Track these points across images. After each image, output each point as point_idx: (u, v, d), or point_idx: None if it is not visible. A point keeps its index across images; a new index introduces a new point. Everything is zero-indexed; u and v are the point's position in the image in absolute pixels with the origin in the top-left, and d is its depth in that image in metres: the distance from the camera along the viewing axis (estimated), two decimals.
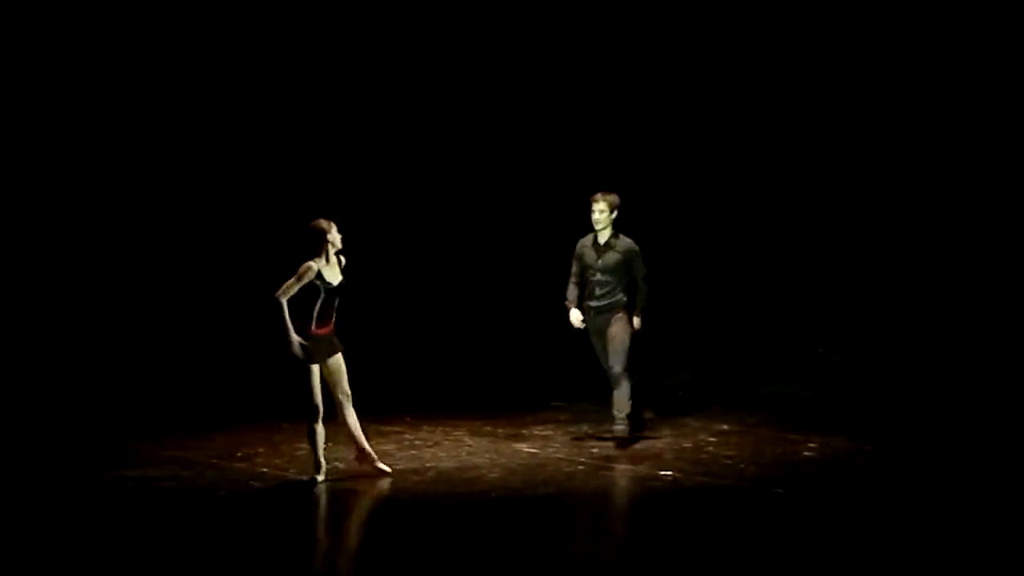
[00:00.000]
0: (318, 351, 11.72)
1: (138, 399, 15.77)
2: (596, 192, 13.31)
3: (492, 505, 10.97)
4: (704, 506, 11.00)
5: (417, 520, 10.69)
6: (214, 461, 12.53)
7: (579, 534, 10.33)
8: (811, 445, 13.13)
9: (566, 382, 15.67)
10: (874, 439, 13.33)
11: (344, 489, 11.44)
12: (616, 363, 13.17)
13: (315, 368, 11.75)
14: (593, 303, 13.31)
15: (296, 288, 11.62)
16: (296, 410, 14.99)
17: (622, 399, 13.18)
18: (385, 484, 11.59)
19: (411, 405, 15.12)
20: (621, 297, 13.29)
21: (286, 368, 11.82)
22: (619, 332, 13.21)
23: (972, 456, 12.67)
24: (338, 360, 11.89)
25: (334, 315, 11.85)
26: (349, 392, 11.94)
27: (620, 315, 13.25)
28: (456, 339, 17.61)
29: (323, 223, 11.89)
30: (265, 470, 12.15)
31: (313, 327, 11.70)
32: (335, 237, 11.88)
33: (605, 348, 13.31)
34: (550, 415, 14.72)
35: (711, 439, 13.48)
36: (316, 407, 11.77)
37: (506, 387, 16.00)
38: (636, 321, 13.26)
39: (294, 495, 11.32)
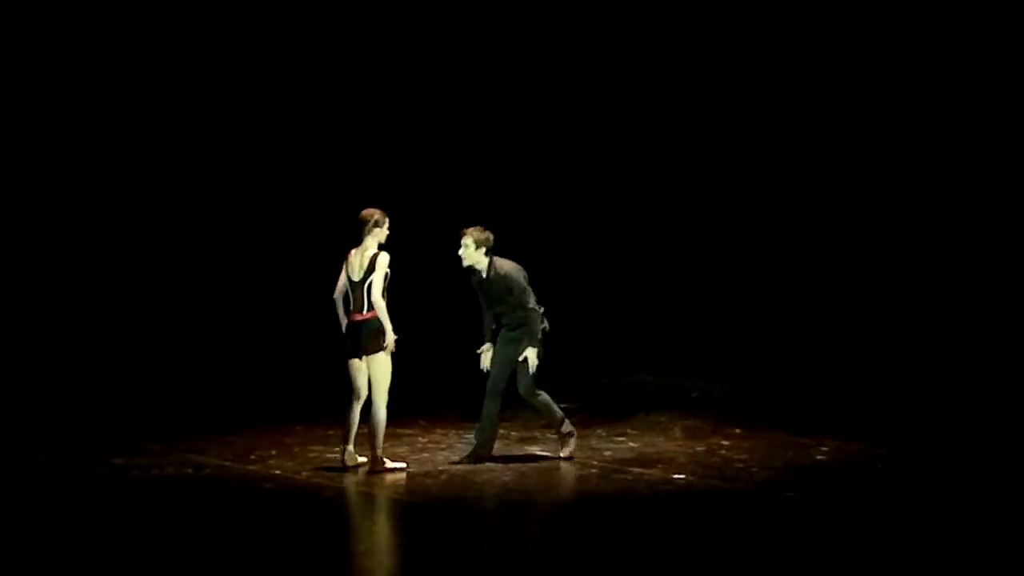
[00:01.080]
0: None
1: (152, 400, 15.81)
2: (464, 228, 12.53)
3: (504, 508, 10.97)
4: (716, 510, 11.00)
5: (430, 522, 10.70)
6: (227, 463, 12.54)
7: (591, 537, 10.33)
8: (824, 448, 13.12)
9: (576, 385, 15.70)
10: (889, 443, 13.31)
11: (357, 491, 11.45)
12: (521, 387, 12.55)
13: None
14: (500, 330, 12.63)
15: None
16: (308, 411, 15.10)
17: (552, 416, 12.69)
18: (398, 486, 11.60)
19: (424, 408, 15.13)
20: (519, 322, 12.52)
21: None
22: (507, 360, 12.54)
23: (983, 459, 12.65)
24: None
25: (355, 304, 12.18)
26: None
27: (517, 343, 12.49)
28: (468, 343, 17.61)
29: (379, 214, 12.16)
30: (278, 472, 12.16)
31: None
32: (384, 233, 12.18)
33: (502, 369, 12.57)
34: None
35: (724, 442, 13.48)
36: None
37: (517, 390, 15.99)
38: (529, 355, 12.40)
39: (306, 497, 11.32)
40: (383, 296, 12.05)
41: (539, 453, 13.03)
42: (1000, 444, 13.33)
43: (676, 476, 12.00)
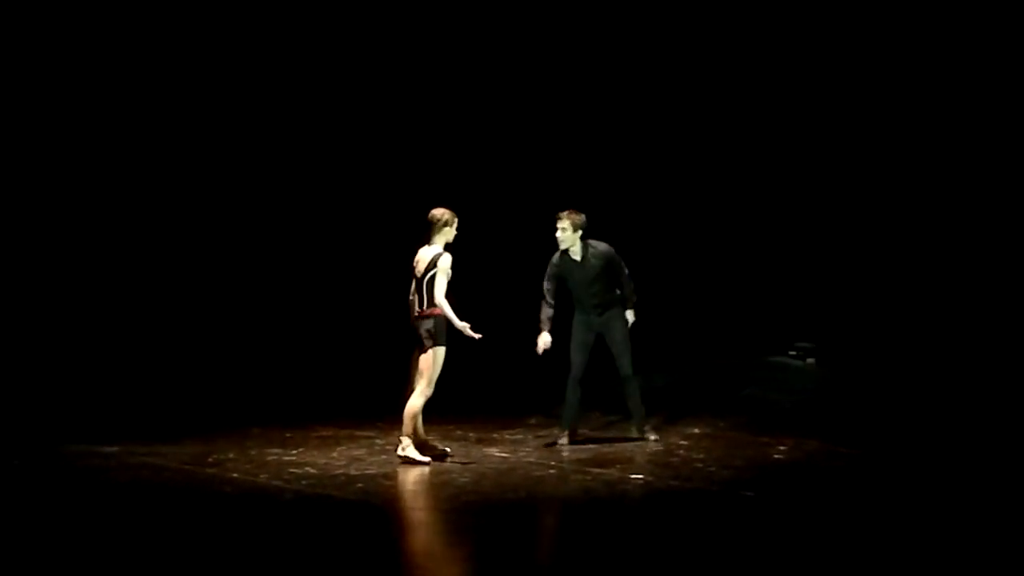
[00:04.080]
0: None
1: (110, 404, 15.73)
2: (561, 211, 13.19)
3: (462, 509, 10.97)
4: (674, 509, 11.01)
5: (388, 525, 10.68)
6: (185, 467, 12.50)
7: (549, 538, 10.33)
8: (782, 448, 13.16)
9: (538, 388, 15.70)
10: (846, 442, 13.37)
11: (315, 494, 11.42)
12: (625, 364, 13.35)
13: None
14: (591, 309, 13.30)
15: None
16: (265, 414, 15.06)
17: (637, 402, 13.45)
18: (356, 489, 11.57)
19: (383, 410, 15.09)
20: (615, 295, 13.35)
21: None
22: (621, 333, 13.33)
23: (947, 458, 12.71)
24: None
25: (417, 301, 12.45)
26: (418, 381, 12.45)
27: (618, 313, 13.35)
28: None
29: (448, 215, 12.42)
30: (236, 475, 12.12)
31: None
32: (452, 233, 12.45)
33: (623, 351, 13.33)
34: (520, 420, 14.74)
35: (682, 442, 13.50)
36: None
37: (477, 392, 15.99)
38: (630, 315, 13.34)
39: (265, 500, 11.28)
40: (445, 297, 12.33)
41: (497, 454, 13.02)
42: (962, 443, 13.39)
43: (634, 476, 12.02)
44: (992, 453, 12.92)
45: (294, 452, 13.10)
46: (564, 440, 13.39)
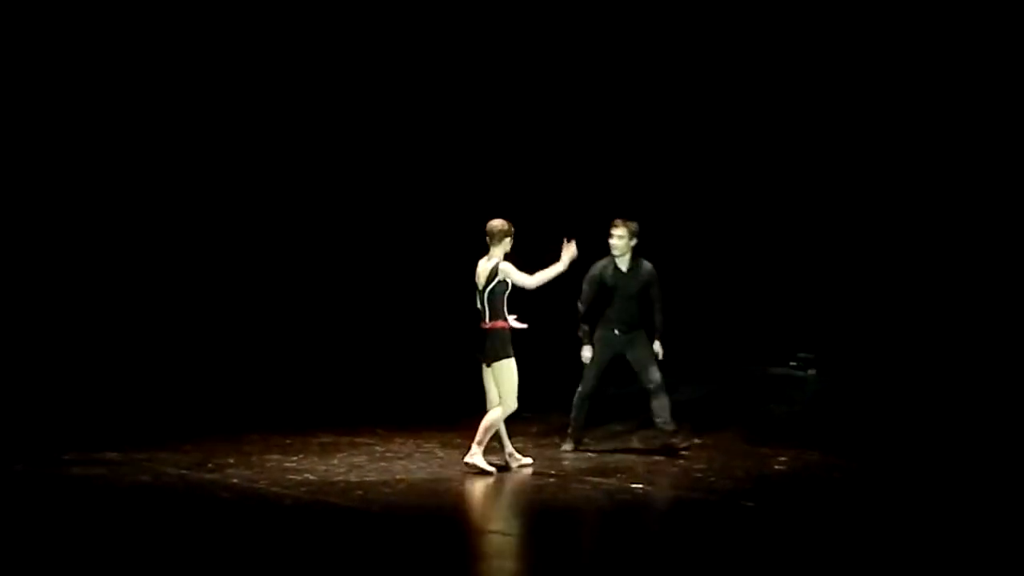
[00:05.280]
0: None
1: (109, 410, 15.73)
2: (616, 218, 13.33)
3: (463, 517, 10.95)
4: (674, 519, 11.00)
5: (388, 532, 10.66)
6: (184, 472, 12.48)
7: (549, 547, 10.31)
8: (782, 459, 13.15)
9: (536, 394, 15.68)
10: (847, 453, 13.36)
11: (315, 501, 11.40)
12: (653, 374, 13.31)
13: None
14: (620, 324, 13.36)
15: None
16: (265, 420, 15.05)
17: (666, 407, 13.38)
18: (356, 496, 11.55)
19: (382, 417, 15.11)
20: (641, 319, 13.40)
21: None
22: (647, 353, 13.34)
23: (946, 470, 12.70)
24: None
25: (481, 314, 12.42)
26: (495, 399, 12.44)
27: (643, 336, 13.37)
28: (427, 351, 17.61)
29: (506, 225, 12.37)
30: (235, 481, 12.11)
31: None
32: (509, 244, 12.42)
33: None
34: (521, 428, 14.71)
35: (683, 452, 13.48)
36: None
37: (477, 399, 15.97)
38: (657, 346, 13.37)
39: (264, 507, 11.27)
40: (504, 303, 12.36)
41: (497, 462, 13.00)
42: (961, 455, 13.39)
43: (634, 486, 12.00)
44: (991, 465, 12.92)
45: (294, 458, 13.09)
46: (567, 447, 13.42)
